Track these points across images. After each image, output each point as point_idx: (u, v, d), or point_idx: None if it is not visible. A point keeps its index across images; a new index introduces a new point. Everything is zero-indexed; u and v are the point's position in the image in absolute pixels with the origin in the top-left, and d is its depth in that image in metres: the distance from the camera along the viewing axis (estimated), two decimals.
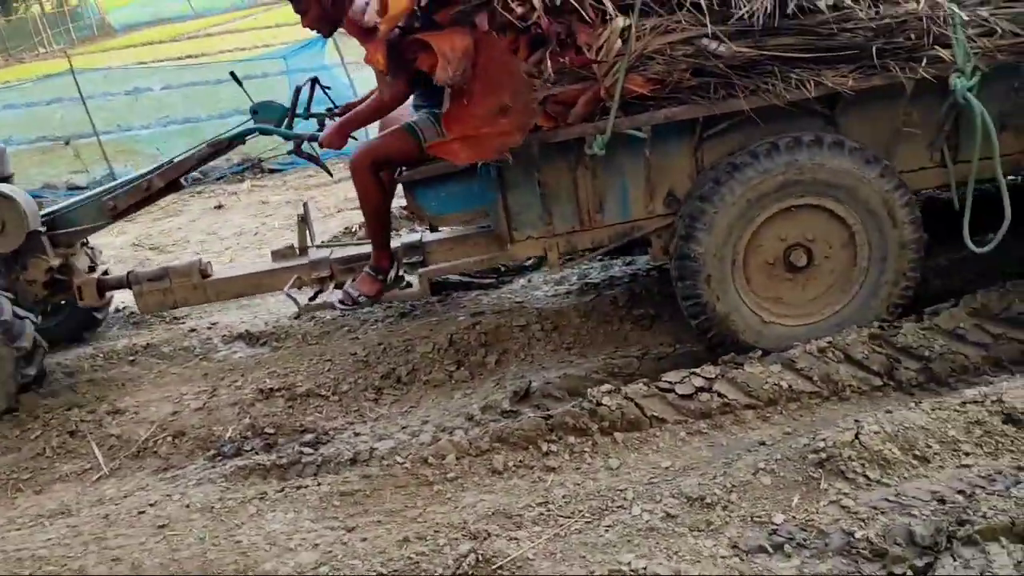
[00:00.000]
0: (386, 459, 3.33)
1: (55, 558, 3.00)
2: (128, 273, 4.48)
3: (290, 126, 4.30)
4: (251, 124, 4.33)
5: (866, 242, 3.61)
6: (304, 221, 4.52)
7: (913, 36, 3.35)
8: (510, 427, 3.30)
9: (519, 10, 3.33)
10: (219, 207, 8.12)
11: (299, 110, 4.31)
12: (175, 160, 4.42)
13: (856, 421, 2.96)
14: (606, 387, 3.37)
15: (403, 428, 3.64)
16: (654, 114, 3.49)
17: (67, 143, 9.88)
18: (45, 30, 36.27)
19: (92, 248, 4.82)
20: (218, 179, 9.06)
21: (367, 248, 4.17)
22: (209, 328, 4.98)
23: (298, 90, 4.31)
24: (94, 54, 26.79)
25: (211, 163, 8.84)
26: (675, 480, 2.92)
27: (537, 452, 3.23)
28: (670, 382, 3.35)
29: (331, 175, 4.64)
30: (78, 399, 4.15)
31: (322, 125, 4.38)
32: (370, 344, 4.33)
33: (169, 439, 3.77)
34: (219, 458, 3.57)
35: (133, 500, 3.33)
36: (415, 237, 4.39)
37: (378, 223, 4.00)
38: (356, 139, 4.24)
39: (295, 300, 4.14)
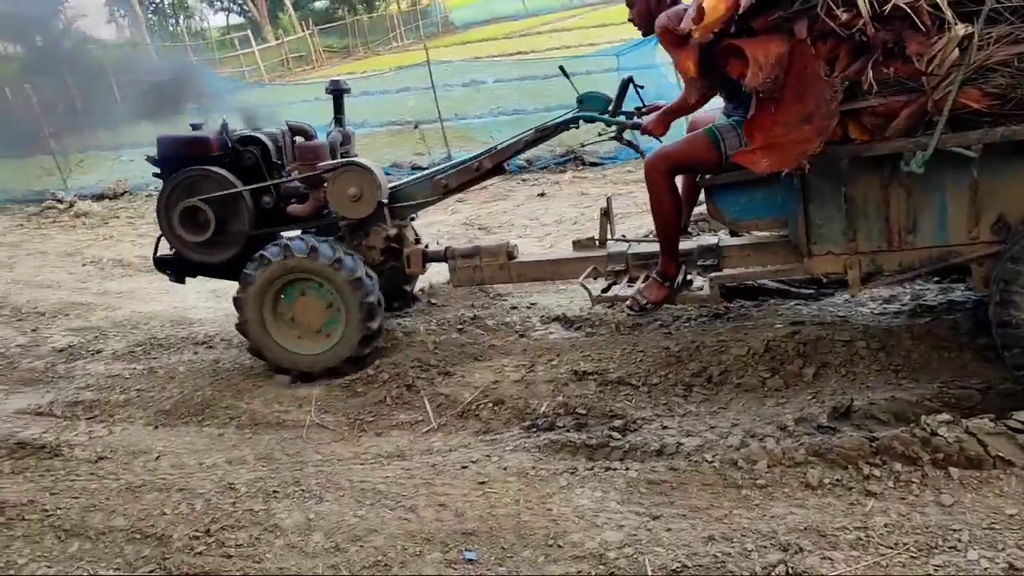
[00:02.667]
0: (693, 455, 3.34)
1: (392, 494, 3.36)
2: (446, 248, 4.82)
3: (614, 116, 4.46)
4: (577, 112, 4.52)
5: None
6: (606, 215, 4.65)
7: None
8: (829, 443, 3.17)
9: (844, 17, 3.13)
10: (542, 195, 8.55)
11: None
12: (503, 144, 4.73)
13: None
14: (943, 417, 3.10)
15: (711, 428, 3.61)
16: (989, 132, 3.16)
17: (416, 127, 10.93)
18: (399, 26, 40.27)
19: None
20: (542, 169, 9.54)
21: None
22: (528, 308, 5.27)
23: (624, 83, 4.49)
24: (437, 48, 29.25)
25: (537, 154, 9.42)
26: (1022, 530, 2.63)
27: (857, 473, 3.06)
28: (1023, 422, 3.02)
29: (644, 157, 4.72)
30: (417, 357, 4.56)
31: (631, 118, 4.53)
32: (683, 340, 4.35)
33: (490, 405, 4.05)
34: (533, 429, 3.78)
35: (457, 455, 3.64)
36: (712, 240, 4.33)
37: (668, 229, 4.01)
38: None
39: (588, 290, 4.27)
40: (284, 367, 4.62)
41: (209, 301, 6.22)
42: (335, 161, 4.78)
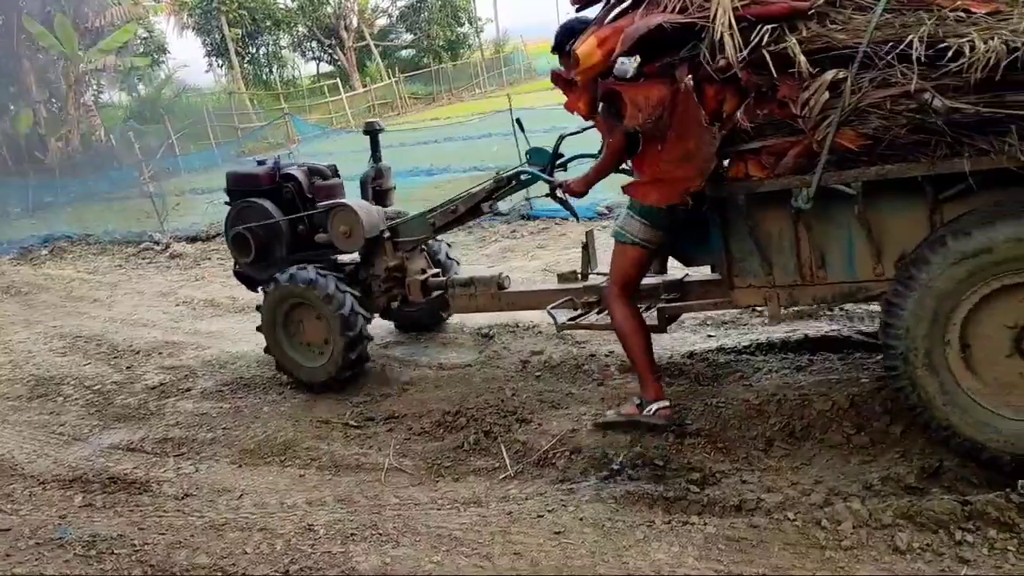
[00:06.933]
0: (774, 513, 3.27)
1: (468, 541, 3.38)
2: (446, 279, 5.35)
3: (551, 172, 4.64)
4: (520, 168, 4.76)
5: None
6: (586, 249, 4.89)
7: None
8: (919, 505, 3.05)
9: (721, 62, 3.34)
10: None
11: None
12: (473, 190, 5.01)
13: None
14: None
15: (793, 484, 3.52)
16: (864, 171, 3.27)
17: (498, 173, 11.04)
18: (482, 73, 41.07)
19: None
20: None
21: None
22: (607, 355, 5.25)
23: (561, 138, 4.66)
24: (519, 95, 29.69)
25: (619, 201, 9.40)
26: None
27: (949, 539, 2.94)
28: None
29: (578, 219, 5.11)
30: (494, 404, 4.59)
31: None
32: (764, 393, 4.26)
33: (567, 453, 4.03)
34: (610, 480, 3.74)
35: (533, 503, 3.63)
36: (679, 276, 4.52)
37: (644, 353, 4.02)
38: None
39: (554, 318, 4.53)
40: (287, 371, 5.36)
41: None
42: (329, 202, 5.31)
